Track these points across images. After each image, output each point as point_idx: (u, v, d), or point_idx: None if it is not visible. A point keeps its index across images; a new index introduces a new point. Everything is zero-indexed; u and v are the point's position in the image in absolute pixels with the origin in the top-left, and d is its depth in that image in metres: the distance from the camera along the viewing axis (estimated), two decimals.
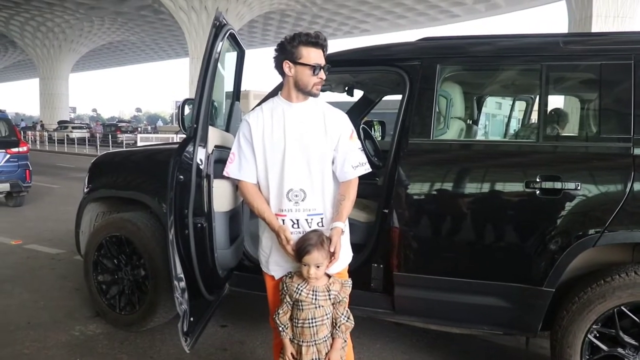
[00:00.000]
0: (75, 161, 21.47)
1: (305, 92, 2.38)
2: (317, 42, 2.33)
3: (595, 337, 2.66)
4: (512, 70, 3.46)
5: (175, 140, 20.84)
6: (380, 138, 5.02)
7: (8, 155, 9.02)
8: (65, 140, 29.48)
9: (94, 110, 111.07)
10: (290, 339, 2.32)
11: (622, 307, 2.59)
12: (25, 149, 9.43)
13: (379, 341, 3.73)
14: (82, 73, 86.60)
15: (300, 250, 2.26)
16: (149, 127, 47.73)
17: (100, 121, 65.68)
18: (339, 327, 2.31)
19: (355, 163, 2.41)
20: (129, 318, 3.81)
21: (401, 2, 41.94)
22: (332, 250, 2.23)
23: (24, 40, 51.84)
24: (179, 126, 2.98)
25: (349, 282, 2.39)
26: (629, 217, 2.60)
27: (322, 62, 2.35)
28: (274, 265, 2.45)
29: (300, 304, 2.28)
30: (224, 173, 2.46)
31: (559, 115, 3.98)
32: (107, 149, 26.60)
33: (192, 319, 2.72)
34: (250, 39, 55.29)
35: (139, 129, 44.40)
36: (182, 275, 2.65)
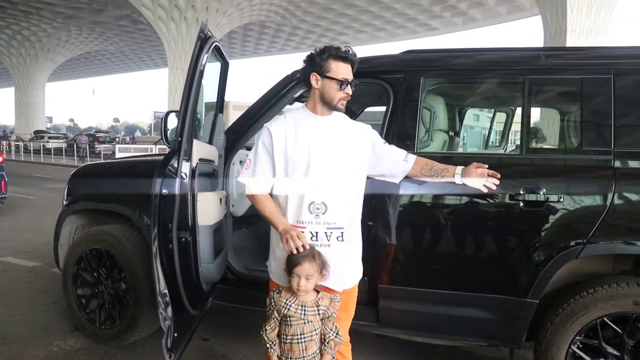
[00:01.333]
0: (52, 172, 21.14)
1: (331, 107, 2.39)
2: (347, 57, 2.34)
3: (578, 348, 2.69)
4: (495, 83, 3.50)
5: (154, 152, 20.71)
6: None
7: None
8: (42, 151, 28.98)
9: (71, 120, 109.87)
10: (278, 355, 2.30)
11: (605, 318, 2.62)
12: (0, 159, 9.24)
13: (363, 354, 3.71)
14: (58, 82, 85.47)
15: (291, 262, 2.24)
16: (127, 138, 47.22)
17: (79, 131, 64.91)
18: (327, 342, 2.29)
19: (403, 156, 2.62)
20: (109, 332, 3.73)
21: (380, 15, 42.44)
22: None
23: None
24: (162, 139, 2.95)
25: (338, 297, 2.37)
26: (610, 229, 2.63)
27: (350, 77, 2.36)
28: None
29: (288, 319, 2.26)
30: (238, 179, 2.51)
31: (535, 130, 4.04)
32: (84, 160, 26.33)
33: (175, 334, 2.67)
34: (229, 49, 55.32)
35: (117, 139, 43.96)
36: (165, 291, 2.61)
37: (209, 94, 3.21)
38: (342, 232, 2.36)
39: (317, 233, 2.34)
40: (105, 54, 61.37)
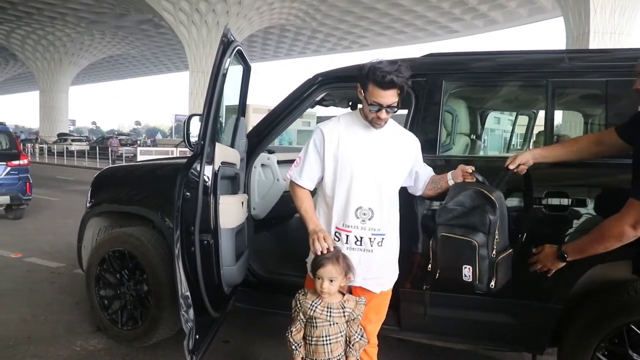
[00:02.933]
0: (74, 174, 21.46)
1: (367, 120, 2.44)
2: (382, 84, 2.28)
3: (603, 354, 2.64)
4: (517, 86, 3.46)
5: (175, 155, 20.89)
6: None
7: (9, 168, 9.01)
8: (65, 153, 29.45)
9: (94, 123, 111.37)
10: (302, 357, 2.30)
11: (631, 325, 2.57)
12: (25, 161, 9.42)
13: (383, 358, 3.70)
14: (81, 86, 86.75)
15: (315, 263, 2.27)
16: (149, 141, 47.73)
17: (101, 134, 65.78)
18: (352, 345, 2.30)
19: (429, 172, 2.71)
20: (131, 333, 3.77)
21: (400, 18, 42.28)
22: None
23: (24, 54, 52.14)
24: (185, 142, 2.97)
25: (363, 299, 2.38)
26: None
27: (387, 102, 2.32)
28: None
29: (314, 321, 2.27)
30: (287, 174, 2.58)
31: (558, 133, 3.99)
32: (106, 162, 26.67)
33: (197, 336, 2.69)
34: (250, 53, 55.20)
35: (139, 142, 44.45)
36: (187, 293, 2.64)
37: (231, 97, 3.23)
38: (383, 238, 2.42)
39: (361, 238, 2.40)
40: (127, 57, 62.16)
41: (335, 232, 2.44)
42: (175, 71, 72.12)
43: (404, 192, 2.66)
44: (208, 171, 2.68)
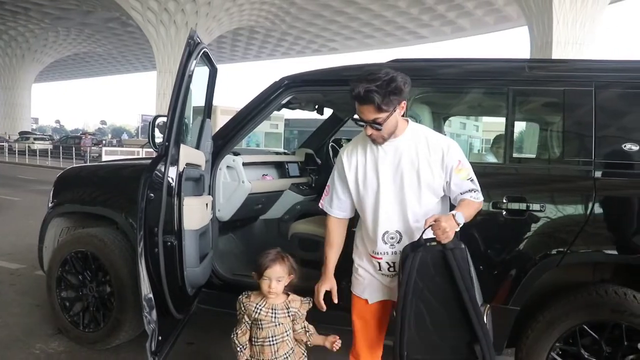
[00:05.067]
0: (37, 173, 20.93)
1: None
2: (356, 98, 2.17)
3: (557, 354, 2.73)
4: (480, 93, 3.55)
5: (141, 155, 20.60)
6: None
7: None
8: (27, 152, 28.71)
9: (57, 121, 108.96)
10: (247, 358, 2.33)
11: (584, 325, 2.67)
12: None
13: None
14: (45, 83, 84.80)
15: (261, 265, 2.31)
16: (114, 140, 46.92)
17: (65, 133, 64.30)
18: (298, 340, 2.35)
19: (461, 191, 2.28)
20: (93, 335, 3.71)
21: (369, 22, 42.68)
22: (432, 222, 2.09)
23: None
24: (150, 143, 2.96)
25: (309, 299, 2.42)
26: (590, 238, 2.69)
27: (366, 117, 2.16)
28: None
29: (259, 322, 2.30)
30: (319, 205, 2.53)
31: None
32: (70, 162, 26.11)
33: (160, 337, 2.68)
34: (218, 54, 55.25)
35: (104, 141, 43.65)
36: (150, 294, 2.62)
37: (197, 98, 3.23)
38: None
39: (394, 264, 2.31)
40: (93, 56, 61.05)
41: (371, 260, 2.39)
42: (143, 71, 71.16)
43: None
44: (172, 172, 2.68)
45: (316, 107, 4.54)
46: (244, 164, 3.75)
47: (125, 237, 3.64)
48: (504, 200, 2.79)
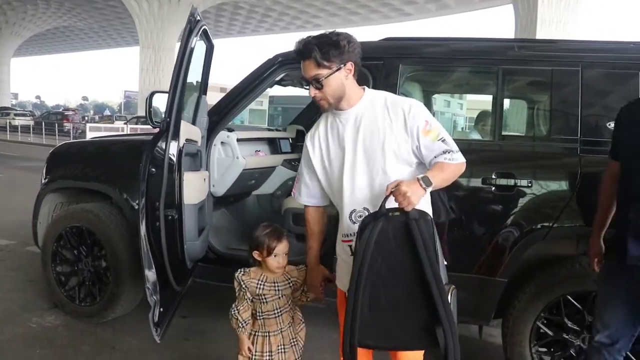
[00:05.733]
0: (19, 150, 20.69)
1: None
2: (297, 53, 2.08)
3: (543, 323, 2.87)
4: (470, 72, 3.62)
5: (125, 132, 20.44)
6: None
7: None
8: (8, 128, 28.28)
9: (38, 97, 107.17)
10: (250, 333, 2.41)
11: (568, 296, 2.80)
12: None
13: (337, 331, 3.85)
14: (24, 58, 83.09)
15: (270, 244, 2.32)
16: (97, 117, 46.26)
17: (46, 109, 63.23)
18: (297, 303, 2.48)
19: (435, 153, 2.04)
20: (89, 309, 3.78)
21: None
22: (393, 188, 1.88)
23: None
24: (147, 119, 2.99)
25: (303, 266, 2.46)
26: (574, 213, 2.81)
27: (307, 74, 2.06)
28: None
29: (263, 297, 2.36)
30: (292, 197, 2.44)
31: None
32: (52, 138, 25.81)
33: (161, 309, 2.76)
34: None
35: (87, 118, 43.05)
36: (153, 267, 2.69)
37: (193, 75, 3.26)
38: None
39: None
40: (74, 30, 59.81)
41: (343, 246, 2.21)
42: (125, 46, 69.93)
43: None
44: (173, 148, 2.73)
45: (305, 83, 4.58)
46: (238, 140, 3.80)
47: (120, 212, 3.69)
48: (493, 176, 2.88)
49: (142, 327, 3.72)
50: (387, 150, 2.04)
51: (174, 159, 2.75)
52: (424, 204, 2.06)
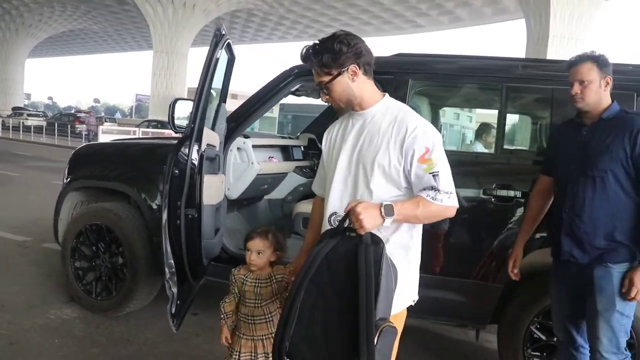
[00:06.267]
0: (32, 149, 21.00)
1: None
2: (301, 60, 2.06)
3: (536, 328, 3.02)
4: (476, 88, 3.79)
5: (138, 135, 20.74)
6: None
7: None
8: (21, 128, 28.64)
9: (50, 98, 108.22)
10: (228, 327, 2.56)
11: None
12: None
13: None
14: (38, 59, 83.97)
15: (246, 237, 2.49)
16: (108, 119, 46.72)
17: (58, 110, 63.71)
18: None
19: (422, 188, 1.92)
20: (105, 303, 3.96)
21: (367, 10, 42.63)
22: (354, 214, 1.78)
23: None
24: (170, 124, 3.20)
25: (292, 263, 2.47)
26: None
27: (316, 80, 2.04)
28: None
29: (244, 299, 2.49)
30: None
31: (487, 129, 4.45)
32: (65, 139, 26.15)
33: (179, 302, 2.93)
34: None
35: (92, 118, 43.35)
36: (172, 262, 2.87)
37: (215, 83, 3.45)
38: None
39: None
40: (89, 33, 60.60)
41: None
42: (138, 50, 70.74)
43: None
44: (195, 152, 2.92)
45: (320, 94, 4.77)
46: (253, 146, 3.99)
47: (139, 211, 3.87)
48: (494, 187, 3.05)
49: (155, 321, 3.92)
50: (376, 165, 1.95)
51: (196, 162, 2.94)
52: (404, 233, 2.00)
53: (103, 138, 18.28)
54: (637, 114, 2.47)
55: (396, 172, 1.94)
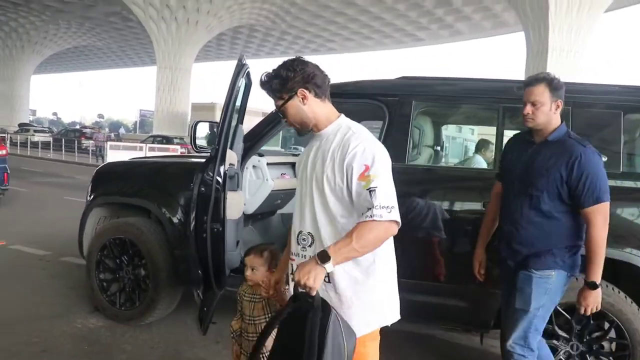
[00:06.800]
0: (40, 165, 21.31)
1: None
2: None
3: None
4: (475, 108, 4.05)
5: (144, 151, 21.05)
6: None
7: None
8: (28, 144, 29.00)
9: (54, 113, 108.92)
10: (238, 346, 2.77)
11: (558, 307, 3.18)
12: (4, 152, 9.62)
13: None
14: (43, 75, 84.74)
15: (245, 252, 2.70)
16: (112, 135, 47.13)
17: (63, 126, 63.99)
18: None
19: (362, 209, 1.93)
20: (128, 313, 4.20)
21: (368, 24, 43.11)
22: (292, 279, 1.93)
23: None
24: (192, 145, 3.48)
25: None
26: None
27: (275, 105, 2.16)
28: None
29: (243, 314, 2.72)
30: None
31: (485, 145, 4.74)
32: (72, 155, 26.48)
33: (205, 308, 3.19)
34: (218, 52, 55.61)
35: (110, 136, 43.70)
36: (199, 272, 3.13)
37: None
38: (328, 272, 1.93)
39: None
40: (93, 49, 61.26)
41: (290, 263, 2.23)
42: (142, 65, 71.44)
43: None
44: (220, 171, 3.19)
45: None
46: (268, 164, 4.27)
47: (160, 226, 4.12)
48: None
49: (176, 329, 4.17)
50: (326, 183, 2.01)
51: (221, 180, 3.21)
52: (386, 247, 2.08)
53: (111, 154, 18.54)
54: (578, 140, 2.68)
55: (340, 190, 2.00)
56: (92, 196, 4.61)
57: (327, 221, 2.03)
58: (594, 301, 2.63)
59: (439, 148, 4.92)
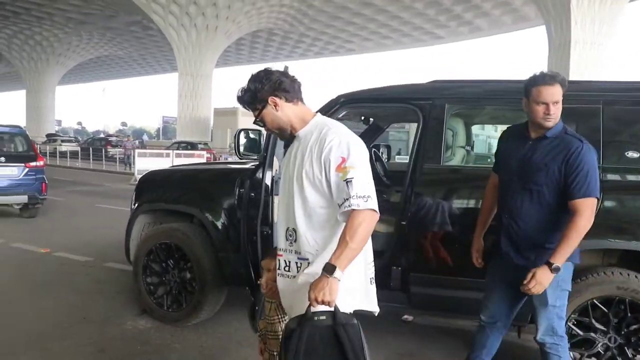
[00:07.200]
0: (70, 174, 21.79)
1: None
2: None
3: (573, 324, 3.34)
4: (503, 108, 4.14)
5: (171, 158, 21.41)
6: (386, 160, 5.72)
7: (27, 169, 9.56)
8: (57, 154, 29.68)
9: (79, 123, 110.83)
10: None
11: (594, 300, 3.28)
12: (42, 163, 9.98)
13: (390, 335, 4.35)
14: (67, 86, 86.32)
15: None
16: (137, 142, 47.88)
17: (87, 135, 65.01)
18: None
19: (340, 200, 2.04)
20: (175, 315, 4.38)
21: (386, 24, 43.07)
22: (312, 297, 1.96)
23: (11, 53, 52.21)
24: (236, 153, 3.65)
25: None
26: (600, 228, 3.24)
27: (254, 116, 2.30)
28: None
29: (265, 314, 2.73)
30: None
31: None
32: (99, 163, 27.03)
33: (257, 307, 3.36)
34: (237, 56, 56.06)
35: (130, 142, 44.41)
36: (252, 272, 3.29)
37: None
38: (309, 264, 2.14)
39: (289, 262, 2.23)
40: (115, 58, 62.37)
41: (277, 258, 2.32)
42: (162, 73, 72.40)
43: None
44: (269, 177, 3.36)
45: (362, 118, 5.18)
46: None
47: (205, 230, 4.29)
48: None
49: (222, 329, 4.34)
50: (304, 177, 2.12)
51: (269, 185, 3.38)
52: (330, 250, 2.08)
53: (139, 161, 18.90)
54: (574, 136, 2.75)
55: (319, 183, 2.10)
56: (136, 204, 4.81)
57: (306, 214, 2.14)
58: (546, 283, 2.65)
59: (469, 148, 5.03)
